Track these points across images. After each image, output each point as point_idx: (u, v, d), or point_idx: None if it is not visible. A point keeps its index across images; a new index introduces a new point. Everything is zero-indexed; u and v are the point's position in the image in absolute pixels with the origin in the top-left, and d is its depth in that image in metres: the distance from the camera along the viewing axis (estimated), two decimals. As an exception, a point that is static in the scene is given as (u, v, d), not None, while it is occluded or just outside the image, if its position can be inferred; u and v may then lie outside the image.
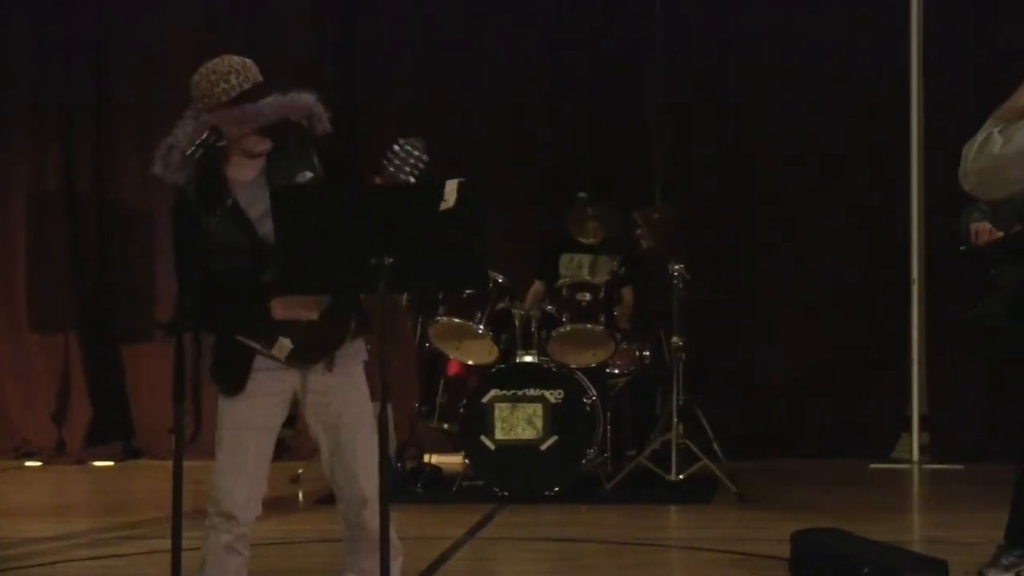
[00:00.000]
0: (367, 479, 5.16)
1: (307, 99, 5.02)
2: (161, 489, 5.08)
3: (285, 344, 4.94)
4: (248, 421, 4.99)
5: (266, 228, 4.91)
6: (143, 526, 8.50)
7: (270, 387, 5.04)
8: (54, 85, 11.92)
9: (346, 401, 5.16)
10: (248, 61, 5.02)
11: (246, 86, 4.93)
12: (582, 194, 9.96)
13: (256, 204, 4.96)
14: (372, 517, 5.12)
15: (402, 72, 11.67)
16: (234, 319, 4.99)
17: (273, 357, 4.97)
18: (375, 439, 5.17)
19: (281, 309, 4.91)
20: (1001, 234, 6.57)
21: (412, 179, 4.79)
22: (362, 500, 5.16)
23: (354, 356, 5.21)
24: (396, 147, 4.84)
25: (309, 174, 4.98)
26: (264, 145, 5.00)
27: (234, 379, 5.01)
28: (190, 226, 5.00)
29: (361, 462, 5.17)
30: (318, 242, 4.68)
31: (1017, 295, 6.44)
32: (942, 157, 10.51)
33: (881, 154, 11.14)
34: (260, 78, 5.00)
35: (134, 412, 11.77)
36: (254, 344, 4.96)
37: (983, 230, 6.68)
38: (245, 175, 5.04)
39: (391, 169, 4.81)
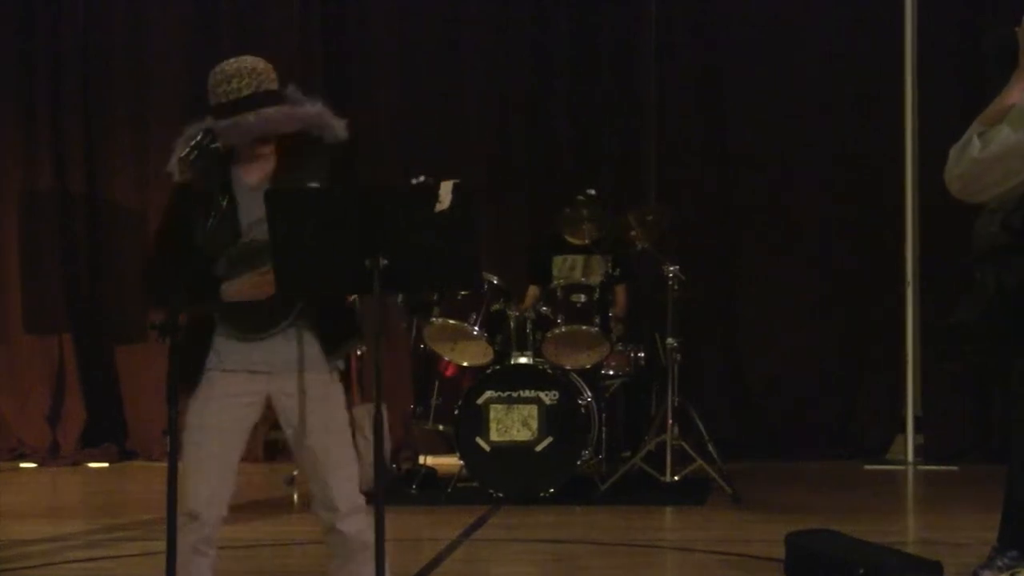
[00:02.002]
0: (339, 487, 5.13)
1: (310, 110, 5.01)
2: (155, 490, 5.08)
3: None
4: (209, 422, 4.94)
5: (259, 232, 4.92)
6: (137, 527, 8.49)
7: (235, 388, 5.00)
8: (45, 85, 11.92)
9: (317, 408, 5.11)
10: (263, 66, 4.99)
11: (247, 92, 4.92)
12: (591, 191, 9.93)
13: (256, 208, 4.96)
14: (346, 524, 5.12)
15: (392, 74, 11.68)
16: (188, 300, 5.01)
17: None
18: (349, 448, 5.19)
19: (232, 292, 4.91)
20: None
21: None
22: (334, 508, 5.12)
23: (328, 363, 5.17)
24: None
25: (315, 185, 4.95)
26: (265, 148, 5.00)
27: (187, 377, 5.01)
28: (177, 225, 5.03)
29: (333, 470, 5.13)
30: (313, 244, 4.68)
31: (1000, 296, 6.42)
32: (937, 159, 10.48)
33: (875, 156, 11.15)
34: (272, 85, 4.97)
35: (128, 414, 11.78)
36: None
37: None
38: (252, 177, 5.04)
39: None
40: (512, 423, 9.18)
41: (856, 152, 11.15)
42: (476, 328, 9.30)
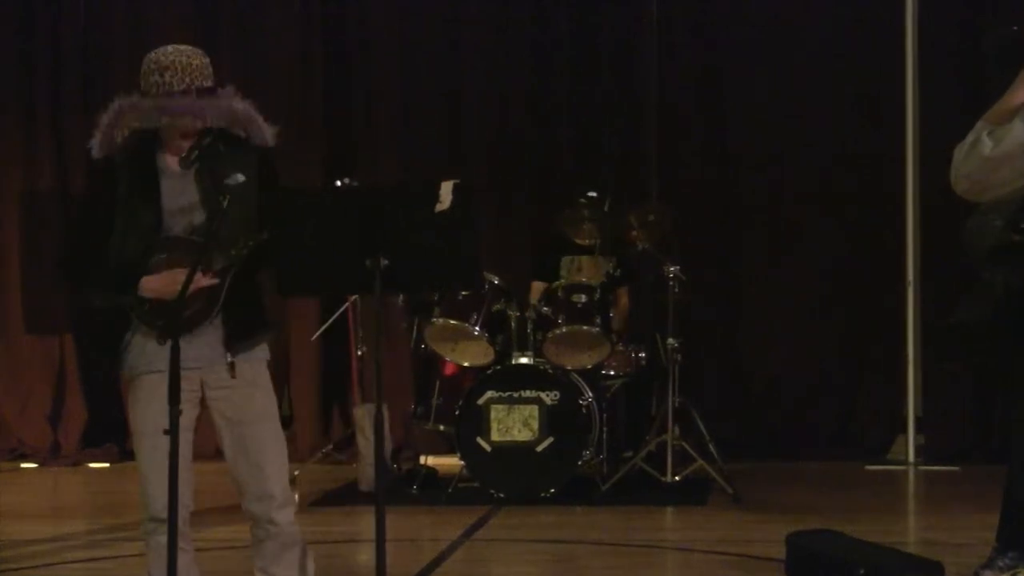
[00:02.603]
0: (275, 473, 5.14)
1: (237, 106, 5.02)
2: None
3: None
4: (153, 425, 4.93)
5: (190, 220, 4.95)
6: (138, 528, 8.46)
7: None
8: (45, 85, 11.91)
9: (248, 396, 5.13)
10: (199, 62, 5.00)
11: (179, 87, 4.93)
12: (592, 193, 9.93)
13: (180, 196, 4.98)
14: (282, 515, 5.12)
15: (394, 74, 11.66)
16: (107, 293, 5.04)
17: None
18: (281, 437, 5.19)
19: (148, 287, 4.92)
20: None
21: None
22: (270, 496, 5.12)
23: (256, 354, 5.18)
24: None
25: (242, 177, 4.94)
26: (189, 139, 5.03)
27: (105, 353, 5.04)
28: (101, 196, 5.08)
29: (268, 456, 5.14)
30: (313, 244, 4.69)
31: (1007, 296, 6.42)
32: (937, 159, 10.49)
33: (876, 156, 11.14)
34: (206, 82, 4.98)
35: (129, 414, 11.74)
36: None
37: None
38: (174, 164, 5.05)
39: None
40: (513, 423, 9.18)
41: (856, 152, 11.13)
42: (477, 328, 9.30)
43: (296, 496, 9.42)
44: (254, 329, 5.18)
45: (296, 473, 9.73)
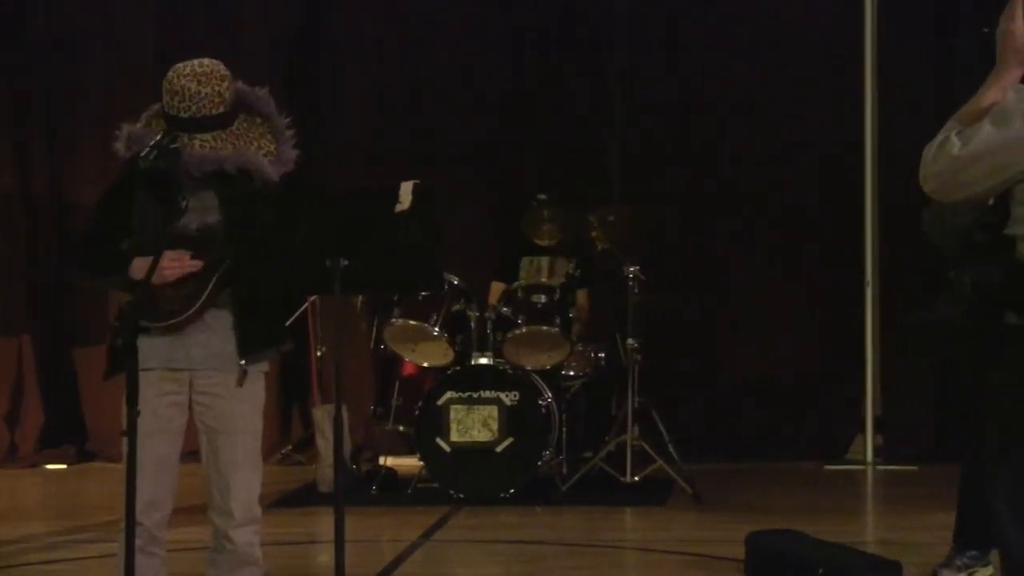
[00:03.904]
0: (240, 494, 5.09)
1: (227, 155, 4.94)
2: (115, 492, 5.05)
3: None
4: (141, 425, 4.91)
5: (203, 220, 4.95)
6: (96, 529, 8.45)
7: (158, 388, 4.98)
8: (9, 83, 11.81)
9: (231, 408, 5.08)
10: (207, 91, 4.93)
11: (184, 115, 4.90)
12: (541, 196, 9.96)
13: (196, 200, 4.95)
14: (239, 534, 5.09)
15: (361, 72, 11.65)
16: (102, 274, 5.07)
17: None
18: (257, 455, 5.16)
19: (137, 267, 4.90)
20: None
21: None
22: (230, 514, 5.09)
23: (259, 366, 5.13)
24: None
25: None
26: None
27: (114, 361, 5.01)
28: (121, 194, 5.07)
29: (237, 475, 5.09)
30: (273, 245, 4.68)
31: (977, 295, 6.44)
32: (897, 159, 10.56)
33: (836, 156, 11.17)
34: (215, 109, 4.93)
35: (87, 415, 11.69)
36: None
37: None
38: (195, 169, 5.02)
39: None
40: (472, 424, 9.17)
41: (818, 153, 11.16)
42: (436, 329, 9.29)
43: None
44: (268, 337, 5.14)
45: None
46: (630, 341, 9.52)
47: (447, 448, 9.19)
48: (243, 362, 5.04)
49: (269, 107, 5.09)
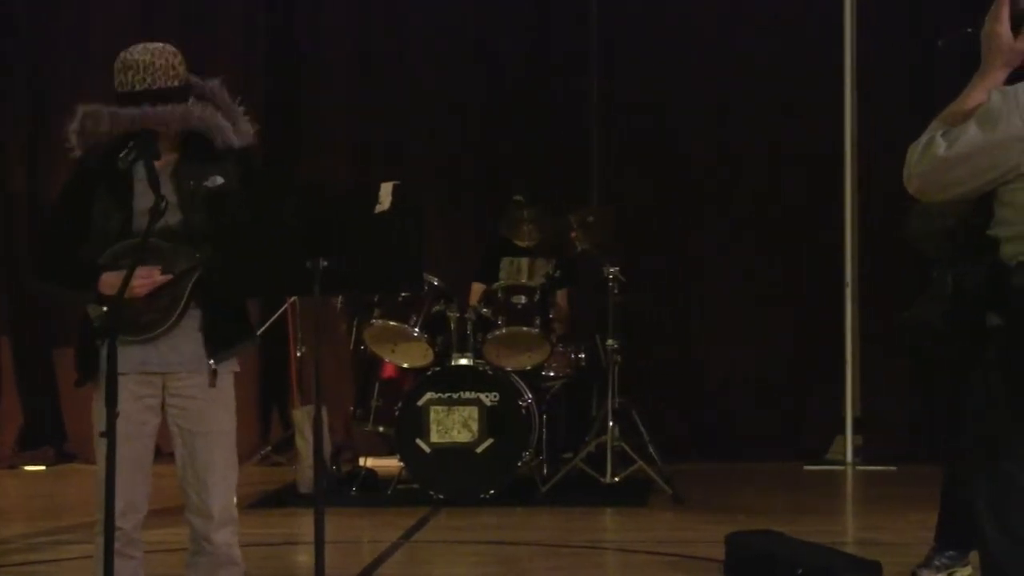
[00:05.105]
0: (218, 494, 5.07)
1: (193, 111, 4.95)
2: (94, 493, 5.04)
3: (98, 308, 4.92)
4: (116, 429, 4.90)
5: (165, 221, 4.89)
6: (75, 531, 8.42)
7: (132, 392, 4.94)
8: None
9: (207, 410, 5.07)
10: (162, 61, 4.94)
11: (139, 87, 4.89)
12: (518, 197, 9.96)
13: (149, 198, 4.93)
14: (219, 535, 5.08)
15: (339, 75, 11.63)
16: (69, 287, 5.05)
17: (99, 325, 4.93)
18: (232, 455, 5.14)
19: (108, 283, 4.88)
20: None
21: None
22: (209, 515, 5.07)
23: (227, 365, 5.12)
24: None
25: (220, 179, 4.93)
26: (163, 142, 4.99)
27: (84, 368, 4.99)
28: (77, 203, 5.10)
29: (214, 474, 5.07)
30: (253, 245, 4.67)
31: (958, 296, 6.44)
32: (875, 159, 10.58)
33: (815, 156, 11.18)
34: (170, 82, 4.93)
35: (66, 416, 11.66)
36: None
37: None
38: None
39: None
40: (452, 424, 9.17)
41: (797, 153, 11.17)
42: (416, 330, 9.28)
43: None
44: (234, 336, 5.13)
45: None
46: (610, 342, 9.53)
47: (427, 449, 9.18)
48: (212, 362, 5.03)
49: (223, 97, 5.09)
